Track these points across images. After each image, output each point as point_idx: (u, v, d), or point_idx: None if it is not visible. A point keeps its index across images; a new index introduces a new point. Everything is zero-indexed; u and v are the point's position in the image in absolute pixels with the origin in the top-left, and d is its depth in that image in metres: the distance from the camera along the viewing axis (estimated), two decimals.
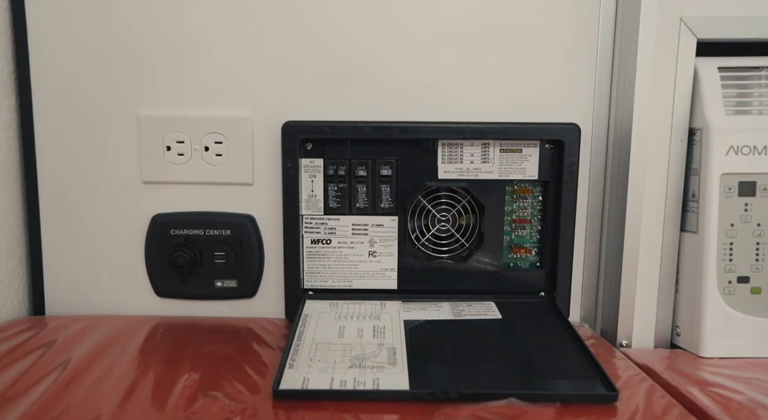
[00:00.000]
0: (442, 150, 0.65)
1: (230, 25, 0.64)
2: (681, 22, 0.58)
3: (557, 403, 0.47)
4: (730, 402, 0.47)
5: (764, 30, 0.58)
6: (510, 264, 0.68)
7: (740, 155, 0.57)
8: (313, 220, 0.67)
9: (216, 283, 0.66)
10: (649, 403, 0.48)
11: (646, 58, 0.59)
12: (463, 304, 0.65)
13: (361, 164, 0.65)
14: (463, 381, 0.50)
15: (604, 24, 0.63)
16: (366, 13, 0.64)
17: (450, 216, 0.67)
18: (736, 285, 0.58)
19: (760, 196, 0.57)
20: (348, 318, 0.62)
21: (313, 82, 0.65)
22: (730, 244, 0.58)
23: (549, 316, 0.63)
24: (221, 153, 0.65)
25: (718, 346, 0.58)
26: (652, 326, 0.63)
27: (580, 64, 0.64)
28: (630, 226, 0.62)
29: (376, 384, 0.49)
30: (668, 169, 0.61)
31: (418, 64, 0.65)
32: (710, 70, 0.58)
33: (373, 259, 0.67)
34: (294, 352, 0.54)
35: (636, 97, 0.59)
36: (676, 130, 0.60)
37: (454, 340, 0.57)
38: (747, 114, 0.59)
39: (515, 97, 0.65)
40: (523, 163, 0.65)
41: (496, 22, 0.64)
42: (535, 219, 0.67)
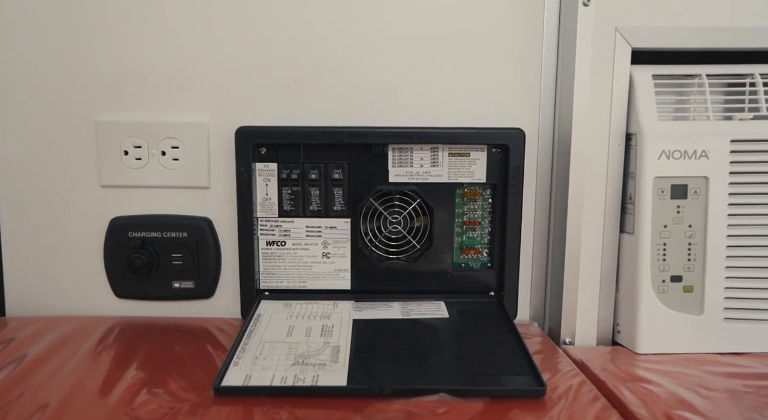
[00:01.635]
0: (393, 154, 0.67)
1: (186, 32, 0.66)
2: (616, 32, 0.60)
3: (487, 398, 0.49)
4: (650, 395, 0.49)
5: (695, 40, 0.61)
6: (462, 264, 0.70)
7: (672, 159, 0.59)
8: (268, 223, 0.69)
9: (174, 284, 0.68)
10: (576, 397, 0.50)
11: (584, 65, 0.61)
12: (413, 303, 0.68)
13: (313, 168, 0.67)
14: (400, 377, 0.52)
15: (548, 32, 0.65)
16: (320, 21, 0.66)
17: (402, 218, 0.69)
18: (670, 284, 0.60)
19: (692, 198, 0.60)
20: (299, 318, 0.63)
21: (269, 88, 0.67)
22: (663, 245, 0.60)
23: (494, 315, 0.65)
24: (178, 157, 0.67)
25: (652, 342, 0.60)
26: (594, 324, 0.65)
27: (526, 70, 0.66)
28: (571, 227, 0.64)
29: (315, 381, 0.51)
30: (607, 173, 0.63)
31: (369, 70, 0.67)
32: (645, 78, 0.61)
33: (327, 260, 0.69)
34: (241, 350, 0.56)
35: (575, 103, 0.62)
36: (614, 135, 0.62)
37: (398, 338, 0.59)
38: (679, 120, 0.61)
39: (464, 103, 0.67)
40: (472, 166, 0.68)
41: (445, 29, 0.66)
42: (486, 221, 0.69)
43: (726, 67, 0.62)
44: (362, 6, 0.66)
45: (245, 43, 0.66)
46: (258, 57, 0.66)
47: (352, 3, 0.66)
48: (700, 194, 0.60)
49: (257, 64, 0.66)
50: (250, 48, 0.66)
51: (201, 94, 0.67)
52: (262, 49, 0.66)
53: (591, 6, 0.60)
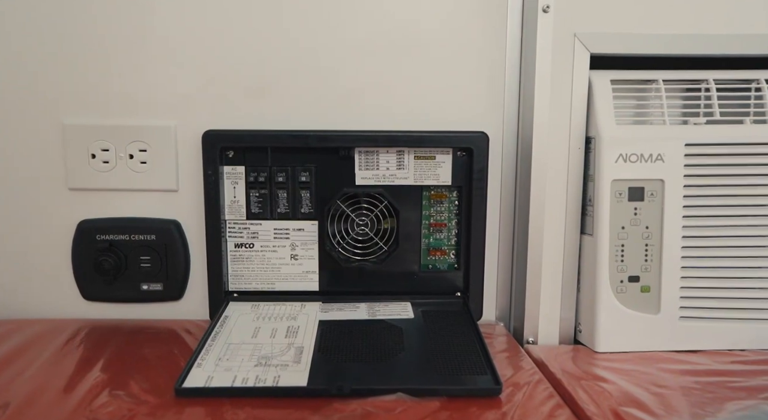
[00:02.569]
0: (359, 157, 0.68)
1: (154, 36, 0.66)
2: (575, 38, 0.62)
3: (444, 397, 0.50)
4: (603, 392, 0.50)
5: (652, 46, 0.62)
6: (429, 266, 0.71)
7: (629, 163, 0.60)
8: (236, 225, 0.69)
9: (142, 286, 0.69)
10: (531, 395, 0.51)
11: (544, 70, 0.62)
12: (380, 304, 0.68)
13: (281, 171, 0.68)
14: (361, 377, 0.53)
15: (511, 38, 0.67)
16: (287, 26, 0.67)
17: (369, 220, 0.70)
18: (628, 284, 0.62)
19: (648, 200, 0.61)
20: (266, 319, 0.64)
21: (237, 92, 0.68)
22: (621, 246, 0.62)
23: (459, 316, 0.66)
24: (146, 160, 0.68)
25: (611, 341, 0.62)
26: (556, 324, 0.67)
27: (490, 75, 0.68)
28: (533, 229, 0.65)
29: (276, 381, 0.51)
30: (568, 176, 0.64)
31: (336, 74, 0.68)
32: (603, 83, 0.62)
33: (295, 262, 0.70)
34: (205, 352, 0.57)
35: (535, 107, 0.63)
36: (574, 139, 0.63)
37: (362, 339, 0.60)
38: (636, 124, 0.62)
39: (430, 107, 0.68)
40: (437, 169, 0.69)
41: (411, 35, 0.67)
42: (452, 223, 0.71)
43: (682, 72, 0.63)
44: (329, 11, 0.66)
45: (213, 47, 0.67)
46: (226, 61, 0.67)
47: (320, 8, 0.66)
48: (656, 196, 0.61)
49: (225, 68, 0.67)
50: (218, 52, 0.67)
51: (169, 97, 0.67)
52: (230, 54, 0.67)
53: (550, 12, 0.61)
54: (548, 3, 0.61)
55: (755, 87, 0.63)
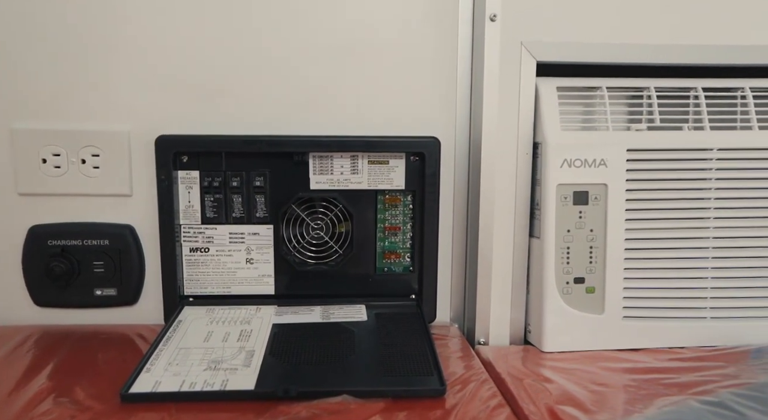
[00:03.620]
0: (313, 162, 0.69)
1: (106, 40, 0.66)
2: (522, 46, 0.63)
3: (389, 398, 0.51)
4: (543, 391, 0.52)
5: (596, 55, 0.64)
6: (384, 268, 0.72)
7: (573, 168, 0.62)
8: (191, 230, 0.69)
9: (96, 291, 0.68)
10: (475, 395, 0.52)
11: (492, 77, 0.64)
12: (334, 307, 0.69)
13: (235, 176, 0.68)
14: (308, 380, 0.53)
15: (462, 46, 0.68)
16: (242, 31, 0.67)
17: (324, 224, 0.70)
18: (573, 285, 0.64)
19: (592, 204, 0.63)
20: (220, 323, 0.65)
21: (191, 97, 0.68)
22: (567, 248, 0.63)
23: (411, 318, 0.67)
24: (98, 165, 0.67)
25: (557, 341, 0.64)
26: (507, 325, 0.68)
27: (442, 81, 0.69)
28: (483, 232, 0.67)
29: (224, 385, 0.52)
30: (516, 180, 0.66)
31: (291, 79, 0.68)
32: (549, 90, 0.64)
33: (251, 265, 0.70)
34: (155, 357, 0.57)
35: (484, 113, 0.65)
36: (522, 144, 0.65)
37: (314, 341, 0.61)
38: (581, 130, 0.64)
39: (384, 112, 0.69)
40: (391, 173, 0.70)
41: (365, 41, 0.68)
42: (407, 226, 0.72)
43: (625, 80, 0.66)
44: (284, 17, 0.67)
45: (168, 52, 0.67)
46: (181, 66, 0.67)
47: (275, 14, 0.67)
48: (600, 200, 0.63)
49: (180, 73, 0.67)
50: (173, 57, 0.67)
51: (122, 102, 0.67)
52: (184, 58, 0.67)
53: (497, 21, 0.63)
54: (495, 12, 0.63)
55: (693, 95, 0.66)
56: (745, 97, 0.65)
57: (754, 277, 0.65)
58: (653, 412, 0.45)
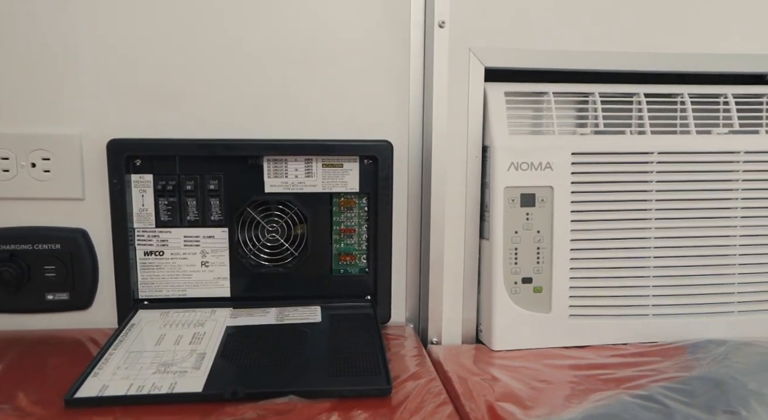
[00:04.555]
0: (268, 165, 0.69)
1: (57, 43, 0.65)
2: (470, 52, 0.65)
3: (336, 398, 0.52)
4: (485, 388, 0.54)
5: (542, 61, 0.66)
6: (340, 270, 0.73)
7: (520, 171, 0.64)
8: (145, 233, 0.69)
9: (47, 296, 0.68)
10: (420, 394, 0.54)
11: (441, 82, 0.65)
12: (289, 309, 0.70)
13: (189, 179, 0.69)
14: (258, 381, 0.54)
15: (414, 51, 0.69)
16: (196, 34, 0.67)
17: (279, 227, 0.71)
18: (521, 285, 0.66)
19: (539, 206, 0.65)
20: (173, 326, 0.65)
21: (145, 100, 0.68)
22: (515, 249, 0.65)
23: (365, 319, 0.68)
24: (49, 169, 0.67)
25: (506, 339, 0.65)
26: (459, 324, 0.70)
27: (396, 86, 0.70)
28: (434, 234, 0.68)
29: (172, 388, 0.52)
30: (466, 183, 0.67)
31: (245, 83, 0.69)
32: (497, 95, 0.66)
33: (206, 268, 0.71)
34: (104, 361, 0.57)
35: (434, 117, 0.66)
36: (471, 148, 0.67)
37: (266, 343, 0.61)
38: (528, 134, 0.66)
39: (338, 116, 0.70)
40: (345, 176, 0.71)
41: (319, 45, 0.69)
42: (362, 228, 0.73)
43: (571, 85, 0.68)
44: (238, 21, 0.67)
45: (120, 56, 0.66)
46: (134, 70, 0.67)
47: (228, 17, 0.67)
48: (546, 202, 0.65)
49: (133, 77, 0.67)
50: (126, 61, 0.67)
51: (73, 106, 0.66)
52: (137, 63, 0.67)
53: (446, 28, 0.65)
54: (444, 19, 0.64)
55: (636, 101, 0.68)
56: (684, 103, 0.68)
57: (693, 275, 0.68)
58: (587, 406, 0.47)
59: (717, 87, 0.69)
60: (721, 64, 0.70)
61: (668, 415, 0.45)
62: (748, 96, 0.70)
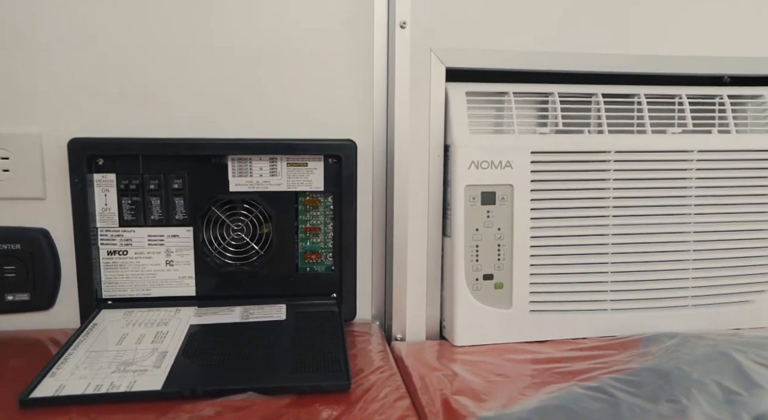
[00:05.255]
0: (232, 164, 0.69)
1: (17, 41, 0.65)
2: (431, 52, 0.66)
3: (296, 394, 0.53)
4: (442, 383, 0.55)
5: (502, 61, 0.67)
6: (306, 268, 0.74)
7: (481, 169, 0.65)
8: (108, 232, 0.69)
9: (7, 297, 0.67)
10: (380, 389, 0.54)
11: (403, 82, 0.66)
12: (255, 308, 0.70)
13: (153, 179, 0.68)
14: (218, 379, 0.54)
15: (378, 51, 0.70)
16: (160, 33, 0.67)
17: (245, 226, 0.71)
18: (483, 282, 0.67)
19: (499, 204, 0.66)
20: (136, 325, 0.65)
21: (107, 99, 0.67)
22: (476, 246, 0.66)
23: (330, 316, 0.69)
24: (8, 168, 0.66)
25: (468, 335, 0.67)
26: (423, 321, 0.71)
27: (360, 86, 0.70)
28: (397, 231, 0.69)
29: (130, 386, 0.52)
30: (429, 181, 0.68)
31: (210, 83, 0.69)
32: (458, 94, 0.67)
33: (171, 267, 0.70)
34: (63, 361, 0.56)
35: (396, 117, 0.67)
36: (433, 147, 0.68)
37: (229, 341, 0.61)
38: (489, 133, 0.68)
39: (303, 116, 0.70)
40: (310, 175, 0.71)
41: (284, 45, 0.69)
42: (328, 227, 0.73)
43: (531, 86, 0.69)
44: (203, 20, 0.67)
45: (82, 55, 0.66)
46: (96, 69, 0.66)
47: (193, 16, 0.67)
48: (506, 200, 0.66)
49: (95, 74, 0.67)
50: (88, 60, 0.66)
51: (33, 104, 0.66)
52: (99, 59, 0.66)
53: (407, 28, 0.65)
54: (405, 20, 0.65)
55: (594, 100, 0.70)
56: (641, 103, 0.70)
57: (649, 270, 0.69)
58: (539, 398, 0.49)
59: (672, 88, 0.72)
60: (678, 66, 0.72)
61: (614, 405, 0.46)
62: (702, 97, 0.72)
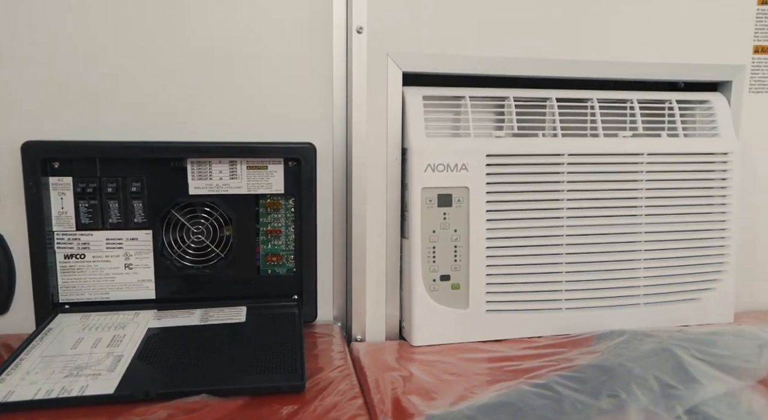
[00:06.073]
0: (192, 167, 0.70)
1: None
2: (388, 57, 0.67)
3: (249, 396, 0.53)
4: (395, 382, 0.56)
5: (458, 66, 0.69)
6: (268, 271, 0.74)
7: (437, 172, 0.67)
8: (65, 236, 0.68)
9: None
10: (334, 389, 0.55)
11: (361, 86, 0.67)
12: (215, 310, 0.70)
13: (111, 182, 0.68)
14: (173, 381, 0.54)
15: (337, 56, 0.71)
16: (116, 35, 0.67)
17: (205, 228, 0.71)
18: (440, 282, 0.68)
19: (456, 206, 0.68)
20: (93, 329, 0.64)
21: (63, 102, 0.67)
22: (433, 248, 0.68)
23: (289, 318, 0.69)
24: None
25: (425, 335, 0.68)
26: (383, 321, 0.72)
27: (320, 89, 0.71)
28: (356, 233, 0.70)
29: (82, 391, 0.52)
30: (387, 184, 0.69)
31: (169, 85, 0.69)
32: (416, 99, 0.68)
33: (130, 271, 0.70)
34: (14, 366, 0.56)
35: (354, 120, 0.68)
36: (391, 150, 0.69)
37: (186, 344, 0.61)
38: (445, 137, 0.69)
39: (265, 119, 0.71)
40: (270, 178, 0.72)
41: (245, 48, 0.69)
42: (289, 229, 0.74)
43: (487, 90, 0.71)
44: (161, 21, 0.67)
45: (36, 53, 0.65)
46: (51, 68, 0.66)
47: (151, 17, 0.67)
48: (462, 202, 0.68)
49: (50, 76, 0.66)
50: (42, 58, 0.66)
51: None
52: (55, 61, 0.66)
53: (364, 33, 0.66)
54: (361, 25, 0.66)
55: (549, 105, 0.72)
56: (593, 107, 0.72)
57: (602, 270, 0.71)
58: (487, 395, 0.50)
59: (623, 93, 0.74)
60: (627, 72, 0.74)
61: (558, 401, 0.48)
62: (652, 102, 0.74)
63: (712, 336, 0.61)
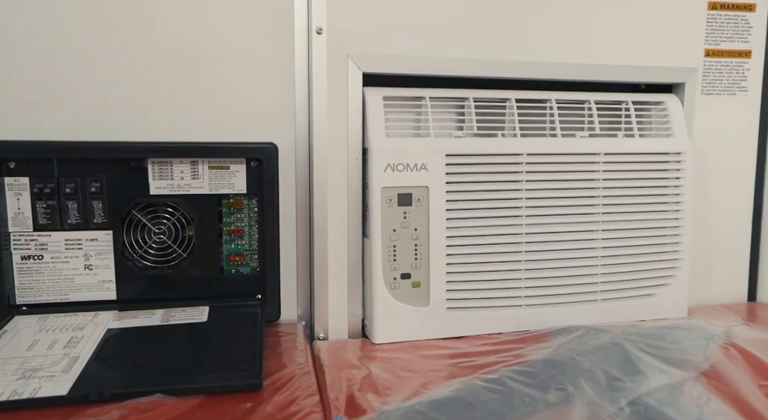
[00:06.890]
0: (153, 168, 0.69)
1: None
2: (348, 58, 0.68)
3: (205, 395, 0.53)
4: (352, 379, 0.56)
5: (418, 67, 0.70)
6: (232, 270, 0.74)
7: (397, 171, 0.67)
8: (22, 237, 0.68)
9: None
10: (292, 387, 0.55)
11: (321, 87, 0.68)
12: (177, 310, 0.70)
13: (69, 182, 0.68)
14: (129, 382, 0.54)
15: (298, 56, 0.71)
16: (75, 34, 0.66)
17: (167, 229, 0.71)
18: (400, 281, 0.69)
19: (416, 205, 0.68)
20: (50, 331, 0.64)
21: (20, 101, 0.66)
22: (393, 247, 0.68)
23: (251, 317, 0.69)
24: None
25: (386, 333, 0.69)
26: (345, 319, 0.72)
27: (282, 90, 0.71)
28: (317, 233, 0.70)
29: (34, 393, 0.52)
30: (348, 184, 0.70)
31: (130, 86, 0.68)
32: (376, 99, 0.69)
33: (90, 271, 0.70)
34: None
35: (314, 120, 0.68)
36: (352, 150, 0.70)
37: (145, 344, 0.61)
38: (406, 137, 0.70)
39: (227, 119, 0.71)
40: (232, 178, 0.72)
41: (206, 49, 0.69)
42: (252, 229, 0.74)
43: (447, 90, 0.72)
44: (121, 20, 0.67)
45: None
46: (7, 66, 0.65)
47: (112, 17, 0.67)
48: (422, 201, 0.69)
49: (6, 74, 0.65)
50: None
51: None
52: (11, 58, 0.65)
53: (324, 34, 0.67)
54: (321, 26, 0.67)
55: (509, 105, 0.73)
56: (552, 108, 0.74)
57: (560, 267, 0.73)
58: (439, 391, 0.51)
59: (581, 93, 0.75)
60: (583, 73, 0.76)
61: (508, 395, 0.49)
62: (609, 102, 0.76)
63: (662, 330, 0.62)
